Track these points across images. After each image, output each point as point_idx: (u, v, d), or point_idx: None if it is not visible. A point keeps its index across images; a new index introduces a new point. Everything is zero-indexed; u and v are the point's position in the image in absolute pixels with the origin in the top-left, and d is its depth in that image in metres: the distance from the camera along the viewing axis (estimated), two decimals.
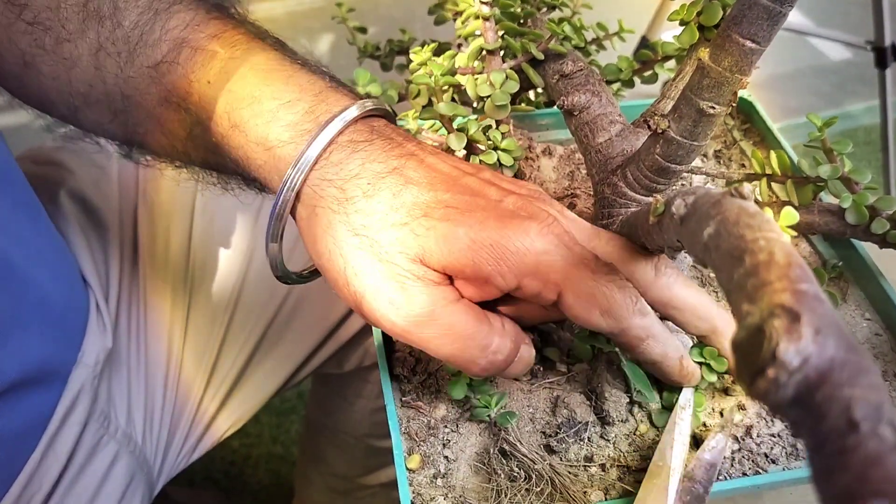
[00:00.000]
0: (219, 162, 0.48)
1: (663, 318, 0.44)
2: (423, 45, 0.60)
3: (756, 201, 0.35)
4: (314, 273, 0.50)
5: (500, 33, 0.54)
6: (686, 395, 0.46)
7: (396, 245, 0.39)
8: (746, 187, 0.27)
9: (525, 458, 0.43)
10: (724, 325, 0.44)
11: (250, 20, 0.49)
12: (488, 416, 0.46)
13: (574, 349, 0.49)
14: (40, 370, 0.56)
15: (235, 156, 0.45)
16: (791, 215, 0.30)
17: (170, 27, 0.46)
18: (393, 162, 0.41)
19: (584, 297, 0.39)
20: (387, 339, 0.51)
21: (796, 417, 0.19)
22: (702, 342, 0.46)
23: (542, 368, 0.49)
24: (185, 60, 0.45)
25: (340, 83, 0.46)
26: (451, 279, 0.41)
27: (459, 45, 0.67)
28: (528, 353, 0.43)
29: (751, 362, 0.20)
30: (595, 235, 0.44)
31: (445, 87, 0.49)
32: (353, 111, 0.42)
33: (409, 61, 0.72)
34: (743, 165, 0.62)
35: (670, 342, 0.42)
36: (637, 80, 0.62)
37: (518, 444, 0.44)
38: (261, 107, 0.43)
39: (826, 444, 0.17)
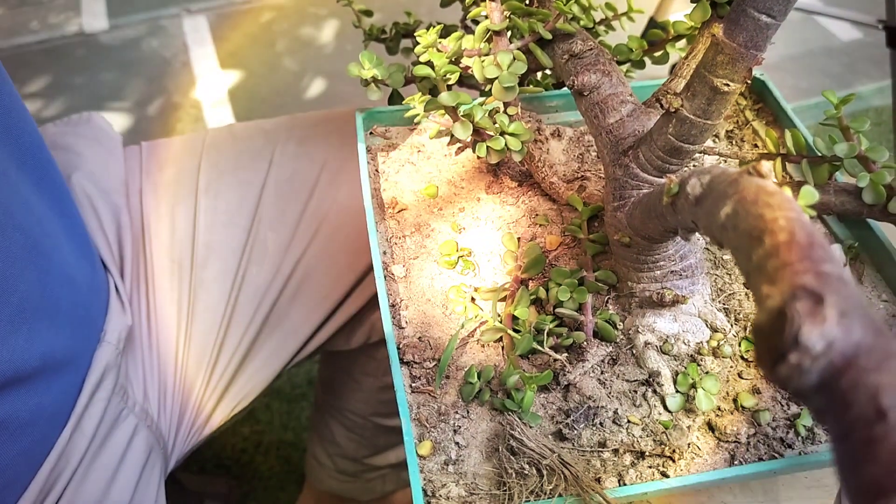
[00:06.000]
0: None
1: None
2: (428, 28, 0.59)
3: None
4: None
5: (507, 13, 0.53)
6: None
7: None
8: (765, 165, 0.27)
9: (534, 454, 0.42)
10: None
11: None
12: (506, 407, 0.45)
13: (599, 331, 0.49)
14: (70, 350, 0.57)
15: None
16: (810, 194, 0.29)
17: None
18: None
19: None
20: (394, 325, 0.50)
21: (820, 404, 0.18)
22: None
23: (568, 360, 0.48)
24: None
25: None
26: None
27: (466, 27, 0.66)
28: None
29: (772, 347, 0.19)
30: None
31: (448, 77, 0.48)
32: None
33: (415, 44, 0.71)
34: (756, 145, 0.61)
35: None
36: (647, 60, 0.61)
37: (525, 440, 0.43)
38: None
39: (852, 433, 0.17)
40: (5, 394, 0.51)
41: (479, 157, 0.58)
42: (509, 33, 0.52)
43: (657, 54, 0.60)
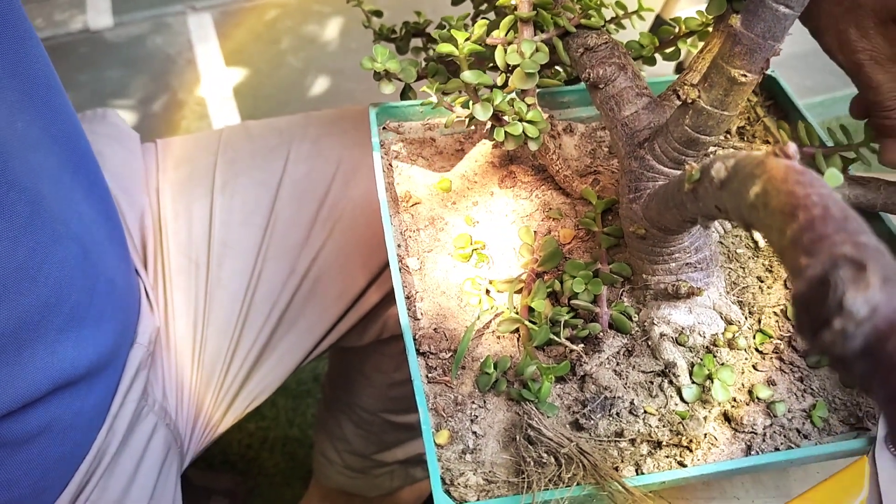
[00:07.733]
0: None
1: None
2: (440, 27, 0.60)
3: None
4: None
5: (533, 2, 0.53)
6: None
7: None
8: (791, 146, 0.27)
9: (552, 443, 0.43)
10: None
11: None
12: (524, 398, 0.45)
13: (615, 323, 0.49)
14: (111, 354, 0.58)
15: None
16: (835, 177, 0.29)
17: None
18: None
19: None
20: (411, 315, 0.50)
21: (865, 369, 0.18)
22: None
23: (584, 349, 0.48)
24: None
25: None
26: None
27: (474, 21, 0.66)
28: None
29: (814, 315, 0.19)
30: None
31: (471, 58, 0.48)
32: None
33: (425, 43, 0.71)
34: (767, 141, 0.61)
35: None
36: (658, 57, 0.61)
37: (543, 429, 0.43)
38: None
39: None
40: (51, 398, 0.51)
41: (494, 146, 0.58)
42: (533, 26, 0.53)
43: (669, 50, 0.60)
